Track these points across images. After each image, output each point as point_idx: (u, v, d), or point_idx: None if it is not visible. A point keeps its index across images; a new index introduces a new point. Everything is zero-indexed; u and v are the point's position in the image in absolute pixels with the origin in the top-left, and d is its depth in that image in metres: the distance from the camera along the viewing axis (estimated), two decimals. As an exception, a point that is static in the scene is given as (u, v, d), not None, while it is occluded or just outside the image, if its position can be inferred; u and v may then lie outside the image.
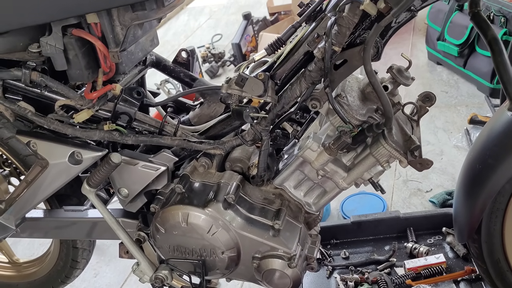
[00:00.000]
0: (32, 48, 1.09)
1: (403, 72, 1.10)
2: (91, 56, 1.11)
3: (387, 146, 1.05)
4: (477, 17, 0.94)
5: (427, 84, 2.84)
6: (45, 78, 1.10)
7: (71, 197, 1.50)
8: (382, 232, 1.83)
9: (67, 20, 1.05)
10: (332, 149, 1.07)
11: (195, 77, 1.38)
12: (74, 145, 1.20)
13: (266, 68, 1.07)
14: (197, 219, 1.15)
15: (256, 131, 1.10)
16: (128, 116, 1.16)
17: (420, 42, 3.20)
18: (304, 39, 1.03)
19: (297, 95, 1.05)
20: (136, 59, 1.21)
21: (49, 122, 1.15)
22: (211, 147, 1.14)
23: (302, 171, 1.17)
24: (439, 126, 2.46)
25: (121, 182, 1.24)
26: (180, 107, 1.43)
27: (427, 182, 2.11)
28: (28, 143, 1.21)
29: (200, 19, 4.91)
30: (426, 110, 1.17)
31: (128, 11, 1.06)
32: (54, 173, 1.23)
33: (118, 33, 1.08)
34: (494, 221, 1.17)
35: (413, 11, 0.96)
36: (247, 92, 1.02)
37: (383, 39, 1.00)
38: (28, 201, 1.30)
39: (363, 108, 1.09)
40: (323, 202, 1.22)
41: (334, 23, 0.95)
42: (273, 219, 1.16)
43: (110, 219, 1.24)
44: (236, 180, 1.19)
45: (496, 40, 0.92)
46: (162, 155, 1.20)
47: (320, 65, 0.99)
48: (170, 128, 1.19)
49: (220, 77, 3.54)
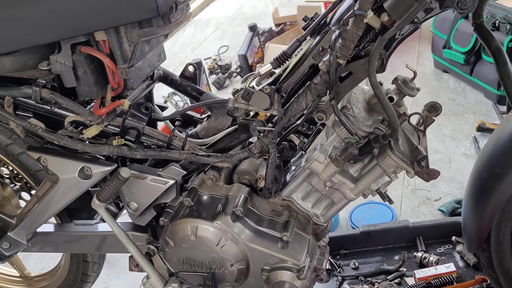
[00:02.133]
0: (42, 66, 1.11)
1: (408, 83, 1.11)
2: (100, 72, 1.13)
3: (394, 157, 1.06)
4: (480, 28, 0.95)
5: (434, 92, 2.83)
6: (55, 95, 1.12)
7: (81, 211, 1.51)
8: (391, 241, 1.82)
9: (76, 38, 1.07)
10: (339, 161, 1.08)
11: (202, 90, 1.39)
12: (83, 160, 1.22)
13: (272, 81, 1.08)
14: (206, 232, 1.16)
15: (263, 144, 1.11)
16: (136, 131, 1.17)
17: (426, 50, 3.20)
18: (309, 53, 1.04)
19: (303, 107, 1.06)
20: (144, 74, 1.23)
21: (59, 138, 1.17)
22: (219, 160, 1.15)
23: (309, 182, 1.18)
24: (447, 134, 2.45)
25: (131, 196, 1.25)
26: (187, 120, 1.44)
27: (435, 191, 2.11)
28: (39, 158, 1.23)
29: (207, 31, 4.95)
30: (432, 120, 1.18)
31: (135, 28, 1.08)
32: (65, 188, 1.25)
33: (126, 49, 1.10)
34: (503, 230, 1.16)
35: (416, 23, 0.97)
36: (254, 105, 1.03)
37: (388, 51, 1.01)
38: (39, 216, 1.32)
39: (369, 119, 1.10)
40: (331, 213, 1.22)
41: (338, 36, 0.96)
42: (281, 231, 1.17)
43: (120, 233, 1.25)
44: (244, 192, 1.20)
45: (500, 50, 0.92)
46: (170, 168, 1.22)
47: (325, 78, 1.00)
48: (178, 142, 1.20)
49: (227, 89, 3.56)
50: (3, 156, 1.41)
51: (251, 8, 5.32)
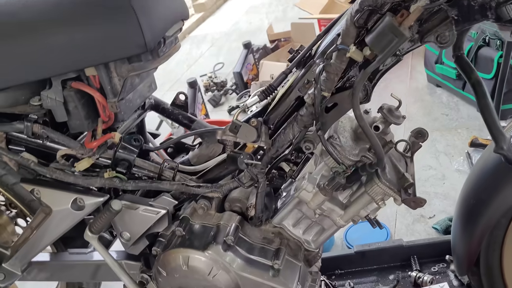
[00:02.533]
0: (33, 101, 1.13)
1: (394, 111, 1.12)
2: (90, 106, 1.15)
3: (381, 184, 1.08)
4: (460, 60, 0.97)
5: (428, 107, 2.86)
6: (47, 129, 1.14)
7: (75, 239, 1.52)
8: (386, 261, 1.83)
9: (67, 74, 1.09)
10: (327, 190, 1.09)
11: (193, 118, 1.41)
12: (76, 191, 1.23)
13: (258, 113, 1.10)
14: (198, 261, 1.17)
15: (252, 174, 1.12)
16: (127, 163, 1.19)
17: (420, 64, 3.23)
18: (295, 85, 1.06)
19: (290, 138, 1.08)
20: (135, 106, 1.24)
21: (51, 172, 1.18)
22: (209, 191, 1.17)
23: (299, 210, 1.19)
24: (441, 150, 2.47)
25: (123, 226, 1.26)
26: (179, 147, 1.46)
27: (429, 208, 2.12)
28: (32, 190, 1.25)
29: (203, 47, 4.99)
30: (419, 146, 1.20)
31: (124, 63, 1.10)
32: (58, 220, 1.26)
33: (115, 84, 1.12)
34: (492, 255, 1.18)
35: (398, 56, 0.99)
36: (241, 138, 1.05)
37: (371, 82, 1.03)
38: (34, 247, 1.33)
39: (355, 148, 1.11)
40: (322, 239, 1.24)
41: (322, 69, 0.98)
42: (272, 259, 1.18)
43: (112, 263, 1.26)
44: (235, 221, 1.21)
45: (479, 83, 0.94)
46: (162, 198, 1.23)
47: (311, 110, 1.02)
48: (168, 173, 1.21)
49: (223, 106, 3.58)
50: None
51: (247, 23, 5.37)
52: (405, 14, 0.89)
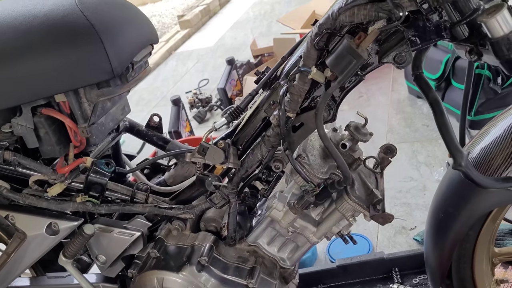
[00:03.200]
0: (4, 128, 1.13)
1: (360, 129, 1.14)
2: (62, 132, 1.15)
3: (350, 201, 1.09)
4: (419, 80, 0.99)
5: (409, 118, 2.89)
6: (18, 156, 1.14)
7: (54, 262, 1.52)
8: (368, 274, 1.84)
9: (36, 101, 1.10)
10: (297, 208, 1.11)
11: (167, 139, 1.42)
12: (51, 216, 1.23)
13: (227, 134, 1.12)
14: (172, 283, 1.17)
15: (223, 194, 1.13)
16: (100, 187, 1.20)
17: (401, 76, 3.27)
18: (261, 106, 1.08)
19: (259, 158, 1.09)
20: (107, 129, 1.25)
21: (24, 198, 1.19)
22: (181, 212, 1.18)
23: (273, 228, 1.21)
24: (421, 160, 2.49)
25: (99, 249, 1.27)
26: (156, 168, 1.47)
27: (411, 220, 2.14)
28: (7, 216, 1.25)
29: (188, 64, 5.02)
30: (388, 162, 1.21)
31: (93, 89, 1.11)
32: (33, 245, 1.26)
33: (85, 109, 1.13)
34: (463, 267, 1.19)
35: (360, 76, 1.01)
36: (209, 160, 1.06)
37: (336, 102, 1.05)
38: (10, 272, 1.32)
39: (324, 166, 1.13)
40: (297, 256, 1.25)
41: (285, 91, 1.00)
42: (247, 278, 1.19)
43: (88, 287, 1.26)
44: (209, 241, 1.22)
45: (437, 101, 0.96)
46: (136, 221, 1.24)
47: (277, 130, 1.04)
48: (141, 195, 1.22)
49: (208, 122, 3.60)
50: (-26, 211, 1.43)
51: (232, 39, 5.41)
52: (363, 36, 0.92)
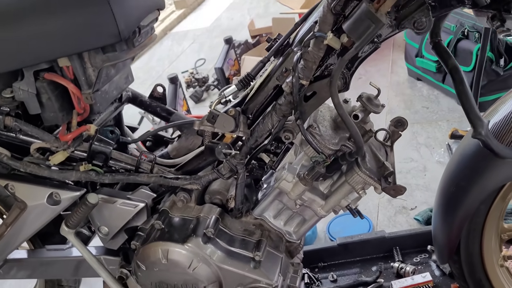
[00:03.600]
0: (5, 93, 1.10)
1: (373, 100, 1.12)
2: (65, 98, 1.12)
3: (361, 173, 1.07)
4: (438, 47, 0.96)
5: (408, 100, 2.87)
6: (19, 122, 1.11)
7: (53, 234, 1.49)
8: (368, 252, 1.83)
9: (39, 65, 1.06)
10: (307, 180, 1.08)
11: (171, 111, 1.39)
12: (52, 186, 1.20)
13: (237, 103, 1.09)
14: (177, 255, 1.15)
15: (232, 165, 1.11)
16: (104, 155, 1.16)
17: (400, 58, 3.25)
18: (272, 74, 1.04)
19: (269, 128, 1.07)
20: (111, 97, 1.22)
21: (25, 166, 1.15)
22: (188, 183, 1.15)
23: (280, 200, 1.18)
24: (421, 142, 2.48)
25: (101, 221, 1.24)
26: (158, 140, 1.44)
27: (411, 200, 2.13)
28: (6, 186, 1.22)
29: (184, 44, 4.96)
30: (399, 135, 1.19)
31: (99, 53, 1.07)
32: (33, 215, 1.23)
33: (90, 74, 1.10)
34: (472, 242, 1.18)
35: (376, 43, 0.98)
36: (219, 128, 1.03)
37: (350, 70, 1.02)
38: (9, 243, 1.29)
39: (335, 137, 1.10)
40: (303, 230, 1.23)
41: (300, 58, 0.97)
42: (253, 250, 1.16)
43: (90, 259, 1.23)
44: (215, 213, 1.19)
45: (457, 69, 0.94)
46: (140, 192, 1.21)
47: (289, 98, 1.01)
48: (146, 165, 1.19)
49: (205, 102, 3.56)
50: (-29, 182, 1.39)
51: (228, 19, 5.34)
52: (382, 1, 0.89)
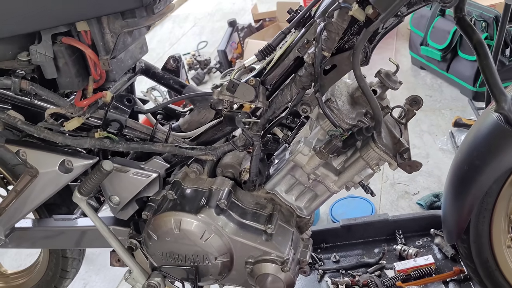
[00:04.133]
0: (21, 56, 1.08)
1: (391, 76, 1.12)
2: (81, 64, 1.11)
3: (377, 149, 1.07)
4: (462, 22, 0.96)
5: (412, 88, 2.88)
6: (35, 86, 1.10)
7: (60, 206, 1.49)
8: (371, 235, 1.84)
9: (57, 28, 1.04)
10: (323, 153, 1.08)
11: (184, 83, 1.38)
12: (64, 153, 1.19)
13: (256, 73, 1.08)
14: (190, 225, 1.15)
15: (248, 137, 1.10)
16: (119, 124, 1.16)
17: (404, 47, 3.25)
18: (294, 45, 1.04)
19: (287, 100, 1.07)
20: (126, 66, 1.21)
21: (39, 131, 1.14)
22: (203, 153, 1.15)
23: (293, 175, 1.18)
24: (425, 129, 2.49)
25: (112, 190, 1.23)
26: (169, 113, 1.43)
27: (414, 185, 2.14)
28: (18, 152, 1.20)
29: (185, 27, 4.92)
30: (413, 114, 1.20)
31: (118, 18, 1.06)
32: (44, 182, 1.22)
33: (108, 40, 1.08)
34: (482, 221, 1.19)
35: (400, 17, 0.98)
36: (239, 97, 1.03)
37: (371, 44, 1.02)
38: (18, 211, 1.29)
39: (352, 112, 1.10)
40: (314, 206, 1.23)
41: (323, 28, 0.97)
42: (265, 223, 1.17)
43: (101, 227, 1.23)
44: (228, 185, 1.19)
45: (481, 43, 0.94)
46: (153, 162, 1.20)
47: (310, 70, 1.01)
48: (161, 135, 1.19)
49: (207, 84, 3.54)
50: (-21, 150, 1.38)
51: (230, 3, 5.30)
52: (410, -28, 0.88)
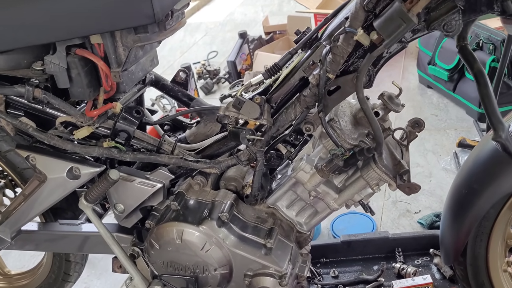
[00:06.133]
0: (36, 66, 1.12)
1: (394, 99, 1.14)
2: (93, 74, 1.14)
3: (377, 169, 1.09)
4: (464, 50, 0.99)
5: (418, 107, 2.90)
6: (48, 95, 1.13)
7: (66, 211, 1.52)
8: (371, 252, 1.85)
9: (72, 40, 1.08)
10: (324, 171, 1.11)
11: (192, 96, 1.41)
12: (72, 160, 1.23)
13: (262, 91, 1.11)
14: (191, 236, 1.18)
15: (252, 152, 1.13)
16: (127, 134, 1.19)
17: (412, 65, 3.27)
18: (299, 66, 1.07)
19: (291, 118, 1.09)
20: (136, 78, 1.24)
21: (50, 138, 1.18)
22: (207, 166, 1.18)
23: (294, 191, 1.21)
24: (429, 148, 2.51)
25: (118, 198, 1.26)
26: (176, 125, 1.46)
27: (415, 204, 2.15)
28: (28, 157, 1.24)
29: (196, 36, 4.97)
30: (415, 136, 1.22)
31: (130, 33, 1.10)
32: (52, 187, 1.25)
33: (120, 54, 1.12)
34: (479, 245, 1.21)
35: (404, 42, 1.01)
36: (244, 114, 1.06)
37: (375, 67, 1.04)
38: (25, 214, 1.32)
39: (354, 132, 1.13)
40: (314, 222, 1.25)
41: (329, 51, 1.00)
42: (265, 237, 1.19)
43: (105, 234, 1.26)
44: (230, 198, 1.22)
45: (482, 72, 0.96)
46: (158, 172, 1.23)
47: (314, 90, 1.04)
48: (167, 147, 1.22)
49: (215, 94, 3.58)
50: (-10, 153, 1.42)
51: (242, 15, 5.36)
52: (415, 1, 0.91)
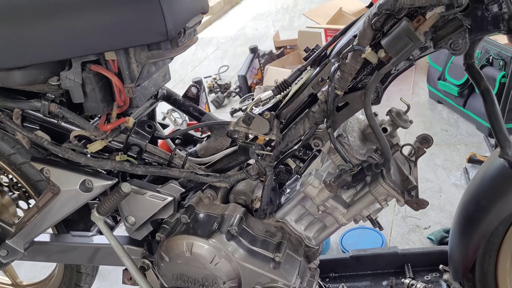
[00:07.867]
0: (52, 81, 1.15)
1: (402, 115, 1.16)
2: (107, 90, 1.18)
3: (385, 185, 1.10)
4: (471, 69, 1.00)
5: (428, 122, 2.90)
6: (63, 109, 1.16)
7: (78, 222, 1.54)
8: (380, 267, 1.85)
9: (87, 56, 1.12)
10: (333, 186, 1.12)
11: (203, 111, 1.44)
12: (85, 173, 1.25)
13: (272, 107, 1.13)
14: (201, 249, 1.19)
15: (261, 167, 1.15)
16: (139, 148, 1.21)
17: (422, 80, 3.28)
18: (309, 82, 1.09)
19: (300, 134, 1.11)
20: (149, 93, 1.27)
21: (64, 151, 1.21)
22: (217, 180, 1.19)
23: (303, 206, 1.22)
24: (439, 164, 2.51)
25: (129, 211, 1.28)
26: (187, 139, 1.49)
27: (425, 219, 2.15)
28: (42, 169, 1.27)
29: (208, 50, 5.03)
30: (423, 152, 1.23)
31: (144, 50, 1.13)
32: (65, 200, 1.28)
33: (133, 70, 1.15)
34: (488, 261, 1.21)
35: (411, 60, 1.02)
36: (254, 130, 1.08)
37: (383, 84, 1.06)
38: (38, 225, 1.35)
39: (363, 148, 1.14)
40: (323, 237, 1.26)
41: (337, 68, 1.02)
42: (274, 251, 1.20)
43: (116, 246, 1.28)
44: (239, 212, 1.23)
45: (489, 90, 0.98)
46: (169, 186, 1.25)
47: (323, 107, 1.05)
48: (178, 160, 1.24)
49: (226, 108, 3.61)
50: (5, 164, 1.45)
51: (253, 29, 5.42)
52: (422, 20, 0.93)
